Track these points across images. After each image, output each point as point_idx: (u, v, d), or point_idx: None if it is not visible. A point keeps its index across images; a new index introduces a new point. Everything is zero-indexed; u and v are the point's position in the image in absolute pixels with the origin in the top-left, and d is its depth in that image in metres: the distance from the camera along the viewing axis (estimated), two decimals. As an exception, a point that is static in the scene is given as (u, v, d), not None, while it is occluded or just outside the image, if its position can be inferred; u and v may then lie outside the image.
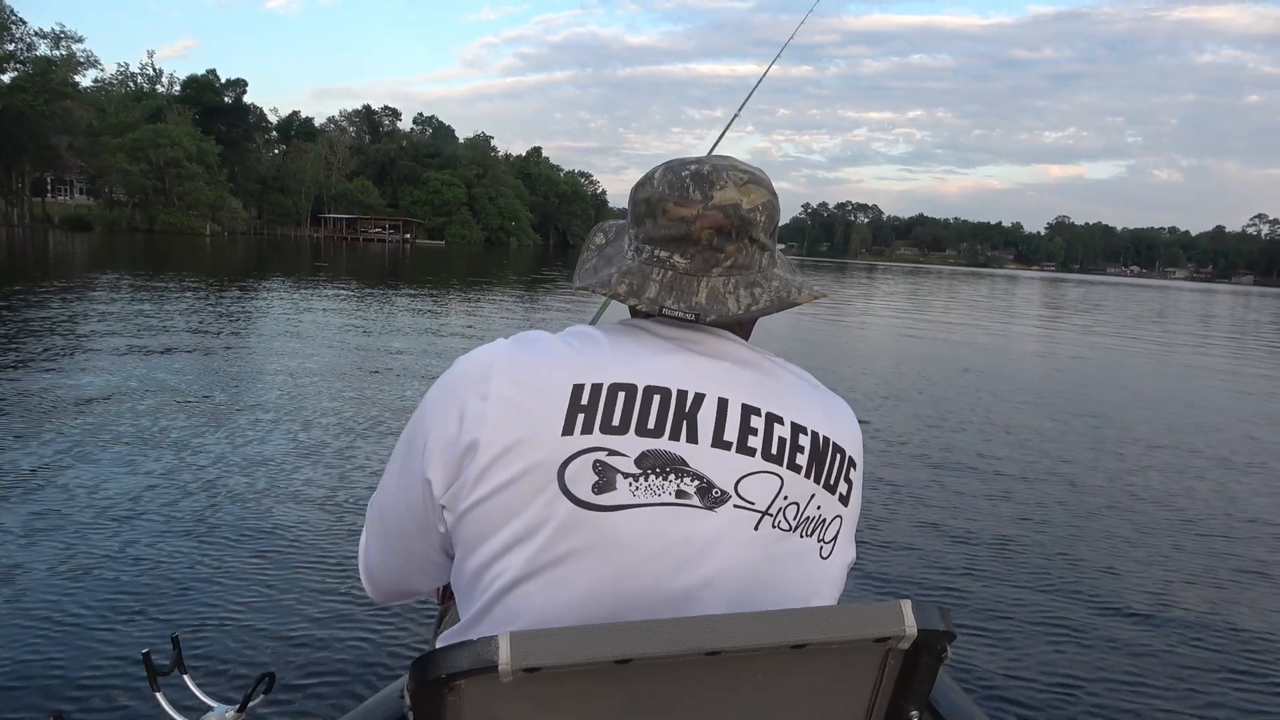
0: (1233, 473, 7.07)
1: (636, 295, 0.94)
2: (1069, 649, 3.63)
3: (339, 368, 9.52)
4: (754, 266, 0.96)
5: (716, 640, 0.77)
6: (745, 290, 0.95)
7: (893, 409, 8.96)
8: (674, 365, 0.92)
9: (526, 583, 0.86)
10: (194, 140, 66.04)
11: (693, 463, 0.87)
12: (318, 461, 5.69)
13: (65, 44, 61.86)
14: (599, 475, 0.85)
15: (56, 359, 8.84)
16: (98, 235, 53.42)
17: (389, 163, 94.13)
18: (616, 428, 0.86)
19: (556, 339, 0.94)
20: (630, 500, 0.85)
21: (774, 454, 0.90)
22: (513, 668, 0.72)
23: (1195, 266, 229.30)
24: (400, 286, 24.12)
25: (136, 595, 3.53)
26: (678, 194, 0.94)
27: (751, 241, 0.95)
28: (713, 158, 0.98)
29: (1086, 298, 50.88)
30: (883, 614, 0.82)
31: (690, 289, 0.94)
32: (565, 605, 0.86)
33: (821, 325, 19.03)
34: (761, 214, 0.95)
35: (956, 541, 4.87)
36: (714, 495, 0.87)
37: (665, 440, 0.87)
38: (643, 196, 0.97)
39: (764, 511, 0.89)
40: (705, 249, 0.93)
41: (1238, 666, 3.57)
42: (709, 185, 0.93)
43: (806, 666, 0.85)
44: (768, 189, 0.97)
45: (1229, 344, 22.82)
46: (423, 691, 0.76)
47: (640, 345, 0.94)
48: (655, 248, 0.95)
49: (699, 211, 0.93)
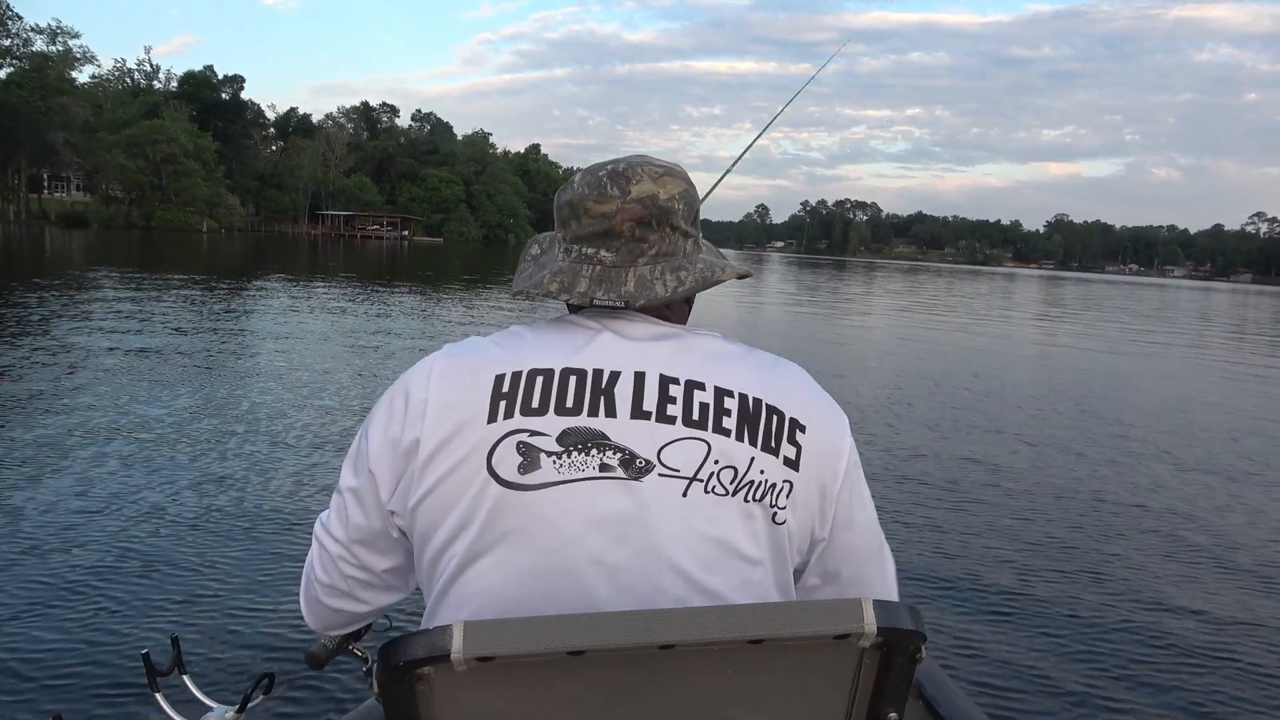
0: (1238, 484, 7.02)
1: (568, 291, 0.99)
2: (1069, 648, 3.61)
3: (334, 367, 9.48)
4: (678, 253, 1.01)
5: (667, 633, 0.76)
6: (671, 275, 0.99)
7: (902, 415, 8.93)
8: (592, 348, 0.95)
9: (471, 567, 0.90)
10: (191, 136, 65.80)
11: (614, 436, 0.89)
12: (319, 461, 5.65)
13: (62, 40, 61.98)
14: (523, 456, 0.88)
15: (55, 358, 8.78)
16: (94, 232, 53.40)
17: (387, 159, 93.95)
18: (536, 409, 0.90)
19: (485, 339, 0.99)
20: (555, 478, 0.88)
21: (695, 420, 0.91)
22: (465, 656, 0.73)
23: (1194, 265, 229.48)
24: (397, 284, 24.04)
25: (136, 596, 3.50)
26: (596, 193, 0.99)
27: (673, 229, 1.00)
28: (628, 157, 1.02)
29: (1091, 296, 50.83)
30: (840, 611, 0.82)
31: (619, 280, 0.98)
32: (510, 584, 0.88)
33: (850, 330, 18.97)
34: (679, 202, 1.00)
35: (956, 541, 4.85)
36: (637, 466, 0.89)
37: (584, 417, 0.90)
38: (565, 199, 1.02)
39: (691, 477, 0.89)
40: (629, 240, 0.98)
41: (1241, 668, 3.55)
42: (626, 181, 0.98)
43: (774, 664, 0.84)
44: (684, 180, 1.02)
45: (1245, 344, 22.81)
46: (388, 679, 0.77)
47: (561, 334, 0.98)
48: (582, 245, 1.00)
49: (618, 206, 0.97)
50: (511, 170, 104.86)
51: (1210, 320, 33.96)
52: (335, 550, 1.02)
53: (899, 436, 7.52)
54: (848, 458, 0.99)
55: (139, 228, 61.00)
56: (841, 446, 0.99)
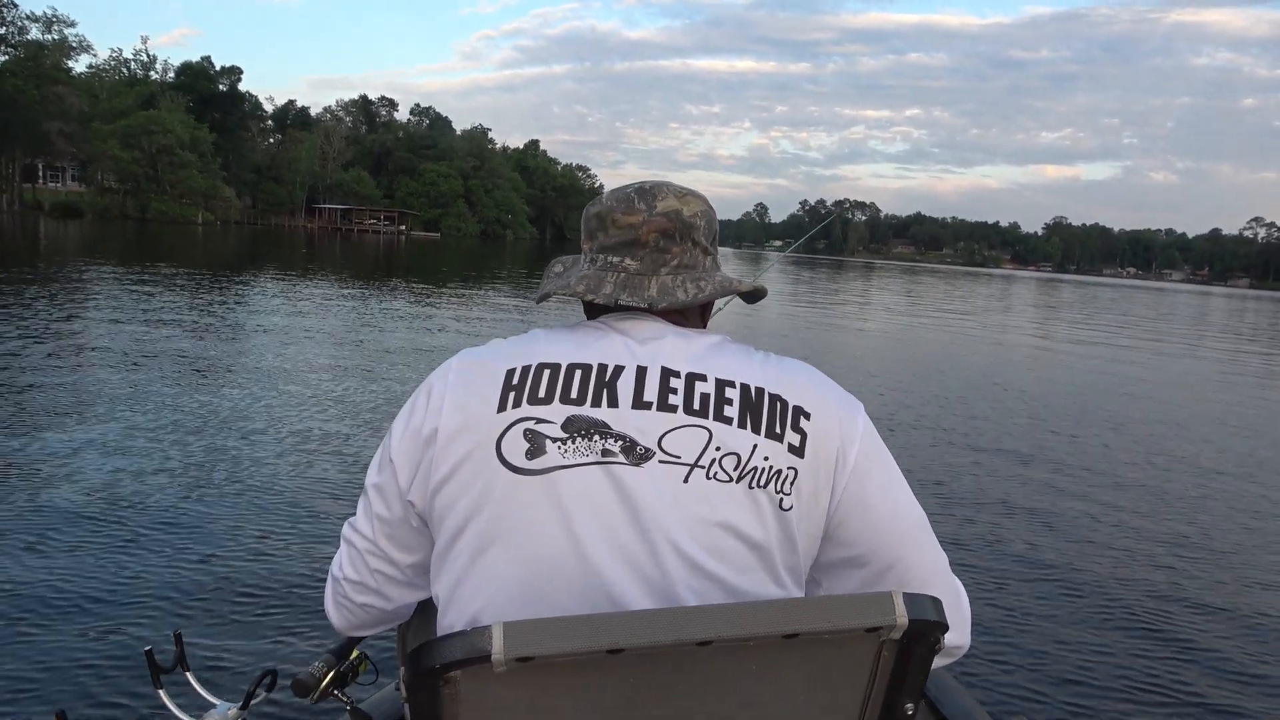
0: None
1: (594, 292, 1.03)
2: (1070, 647, 3.60)
3: (338, 364, 9.26)
4: (698, 266, 1.06)
5: (708, 630, 0.77)
6: (692, 283, 1.04)
7: (901, 416, 8.60)
8: (599, 345, 1.00)
9: (486, 553, 0.93)
10: (187, 128, 65.26)
11: (615, 425, 0.93)
12: (322, 460, 5.59)
13: (57, 28, 61.25)
14: (530, 442, 0.92)
15: (59, 356, 8.48)
16: (89, 222, 53.03)
17: (385, 154, 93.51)
18: (542, 399, 0.94)
19: (503, 340, 1.04)
20: (560, 462, 0.92)
21: (696, 408, 0.94)
22: (505, 657, 0.73)
23: (1191, 269, 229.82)
24: (393, 282, 23.70)
25: (139, 592, 3.49)
26: (624, 206, 1.05)
27: (694, 244, 1.06)
28: (654, 180, 1.09)
29: (1097, 299, 50.63)
30: (874, 604, 0.83)
31: (642, 286, 1.03)
32: (520, 570, 0.91)
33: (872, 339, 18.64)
34: (701, 220, 1.06)
35: (955, 537, 4.82)
36: (638, 452, 0.92)
37: (588, 407, 0.94)
38: (594, 212, 1.08)
39: (693, 464, 0.92)
40: (653, 251, 1.04)
41: (1242, 669, 3.54)
42: (652, 198, 1.05)
43: (800, 657, 0.85)
44: (705, 202, 1.08)
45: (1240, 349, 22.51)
46: (419, 682, 0.77)
47: (573, 335, 1.03)
48: (609, 255, 1.06)
49: (644, 218, 1.04)
50: (510, 166, 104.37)
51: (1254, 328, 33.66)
52: (363, 545, 1.06)
53: (897, 435, 7.22)
54: (860, 443, 0.99)
55: (134, 219, 60.61)
56: (851, 431, 1.00)
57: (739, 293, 1.09)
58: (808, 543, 0.98)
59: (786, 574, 0.96)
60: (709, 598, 0.91)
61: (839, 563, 1.02)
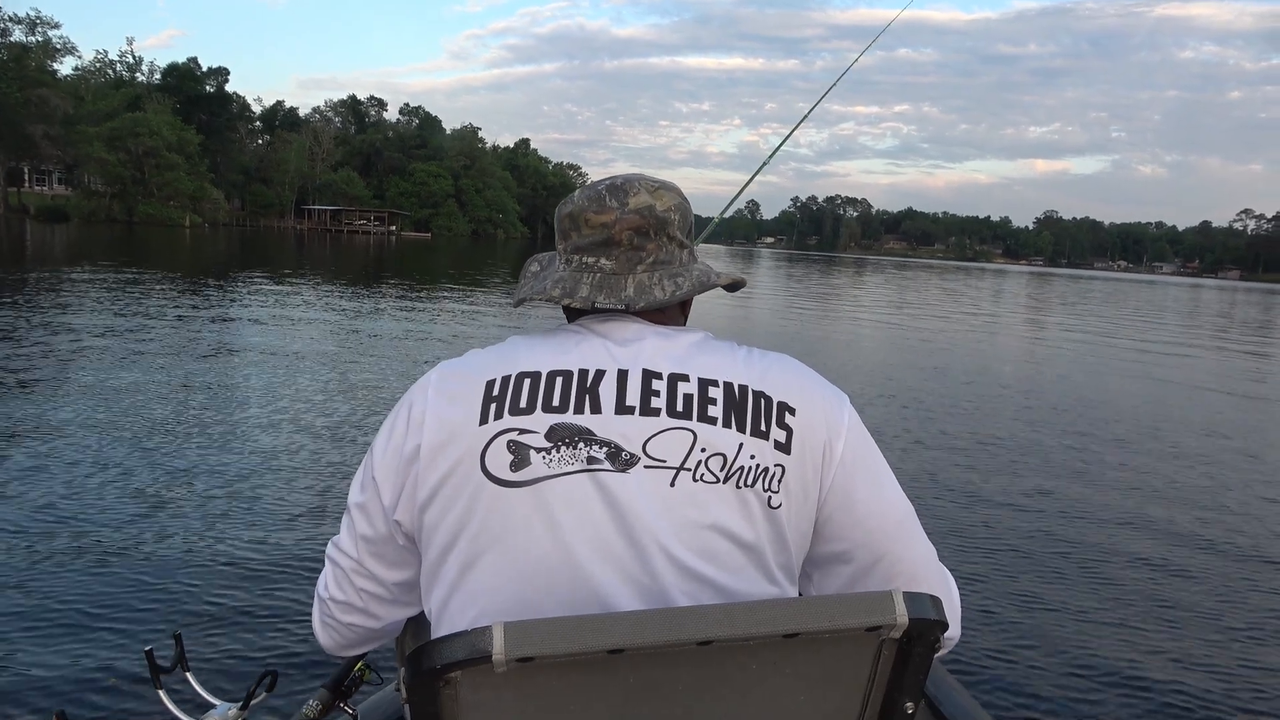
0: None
1: (570, 295, 1.02)
2: (1070, 647, 3.57)
3: (333, 363, 9.12)
4: (675, 261, 1.05)
5: (708, 630, 0.77)
6: (669, 280, 1.03)
7: (901, 412, 8.39)
8: (579, 350, 0.98)
9: (476, 566, 0.92)
10: (174, 130, 64.62)
11: (599, 431, 0.92)
12: (322, 460, 5.59)
13: (41, 30, 60.62)
14: (514, 454, 0.91)
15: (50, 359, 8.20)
16: (74, 226, 52.59)
17: (375, 154, 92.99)
18: (524, 409, 0.93)
19: (481, 351, 1.03)
20: (546, 472, 0.91)
21: (680, 410, 0.93)
22: (506, 657, 0.73)
23: (1182, 261, 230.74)
24: (383, 285, 23.42)
25: (139, 593, 3.49)
26: (596, 204, 1.03)
27: (669, 239, 1.04)
28: (625, 173, 1.06)
29: (1092, 293, 50.64)
30: (874, 603, 0.82)
31: (619, 286, 1.01)
32: (511, 580, 0.91)
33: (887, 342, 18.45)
34: (675, 214, 1.04)
35: (954, 536, 4.78)
36: (623, 458, 0.91)
37: (570, 415, 0.93)
38: (565, 212, 1.07)
39: (679, 467, 0.91)
40: (628, 249, 1.02)
41: (1245, 668, 3.51)
42: (624, 194, 1.03)
43: (800, 656, 0.85)
44: (679, 194, 1.06)
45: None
46: (419, 683, 0.76)
47: (552, 340, 1.01)
48: (583, 255, 1.04)
49: (617, 216, 1.02)
50: (500, 165, 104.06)
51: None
52: (347, 564, 1.04)
53: (899, 436, 7.03)
54: (846, 436, 0.99)
55: (121, 222, 60.03)
56: (837, 424, 0.99)
57: (716, 286, 1.07)
58: (798, 539, 0.97)
59: (780, 572, 0.96)
60: (702, 600, 0.91)
61: (828, 556, 1.01)
